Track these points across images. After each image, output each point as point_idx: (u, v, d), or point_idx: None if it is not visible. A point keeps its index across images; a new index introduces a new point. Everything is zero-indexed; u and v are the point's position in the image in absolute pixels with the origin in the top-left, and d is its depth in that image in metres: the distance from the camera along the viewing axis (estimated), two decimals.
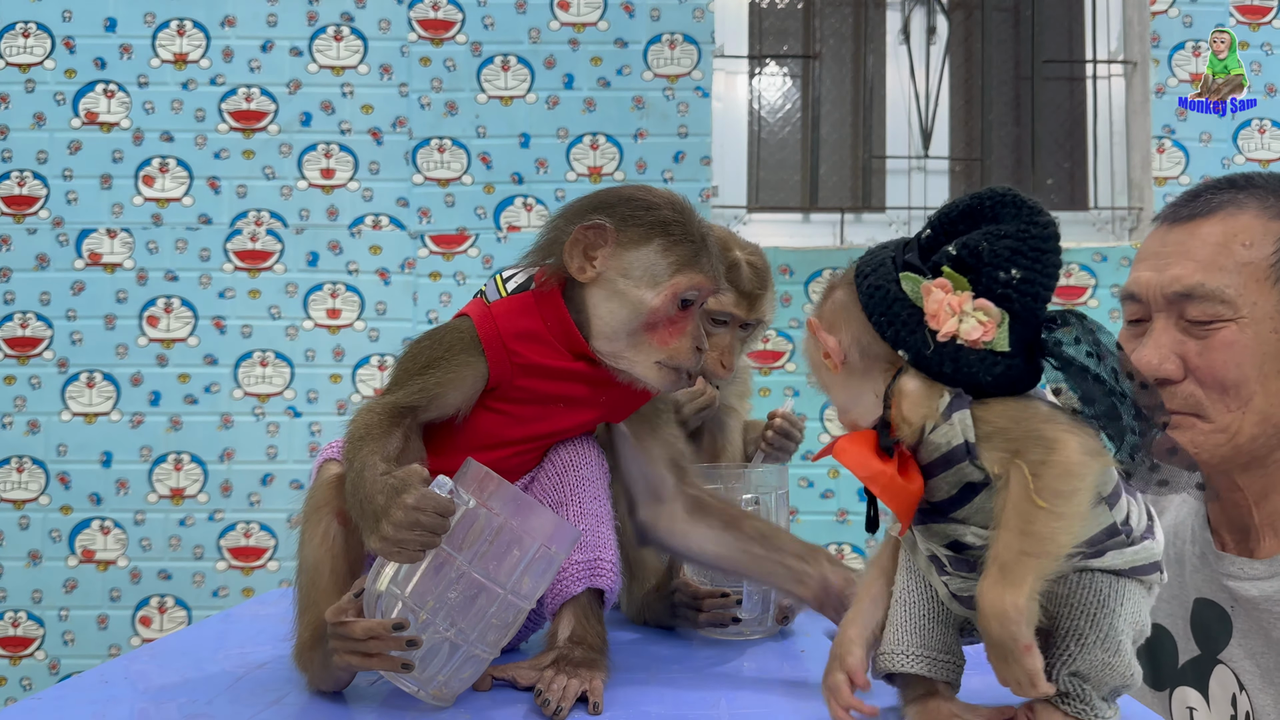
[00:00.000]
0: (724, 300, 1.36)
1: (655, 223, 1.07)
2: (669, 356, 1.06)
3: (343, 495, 1.03)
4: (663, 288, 1.05)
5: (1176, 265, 1.12)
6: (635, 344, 1.06)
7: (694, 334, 1.07)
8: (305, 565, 1.03)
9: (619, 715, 0.94)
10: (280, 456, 2.62)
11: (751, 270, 1.38)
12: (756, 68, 2.92)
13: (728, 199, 2.79)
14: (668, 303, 1.05)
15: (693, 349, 1.06)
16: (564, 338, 1.06)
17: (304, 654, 1.00)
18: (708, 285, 1.07)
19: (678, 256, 1.06)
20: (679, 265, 1.05)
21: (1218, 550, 1.18)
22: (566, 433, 1.10)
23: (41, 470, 2.61)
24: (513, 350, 1.05)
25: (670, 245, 1.06)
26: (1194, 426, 1.11)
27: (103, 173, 2.66)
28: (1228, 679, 1.15)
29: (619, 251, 1.06)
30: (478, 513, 0.91)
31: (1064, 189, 2.93)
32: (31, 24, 2.67)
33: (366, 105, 2.69)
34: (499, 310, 1.07)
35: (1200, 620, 1.19)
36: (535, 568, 0.94)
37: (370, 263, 2.65)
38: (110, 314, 2.63)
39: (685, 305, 1.07)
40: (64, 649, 2.59)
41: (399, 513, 0.88)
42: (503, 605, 0.92)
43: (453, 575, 0.91)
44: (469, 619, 0.91)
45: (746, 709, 0.97)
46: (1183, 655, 1.21)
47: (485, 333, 1.05)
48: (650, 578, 1.33)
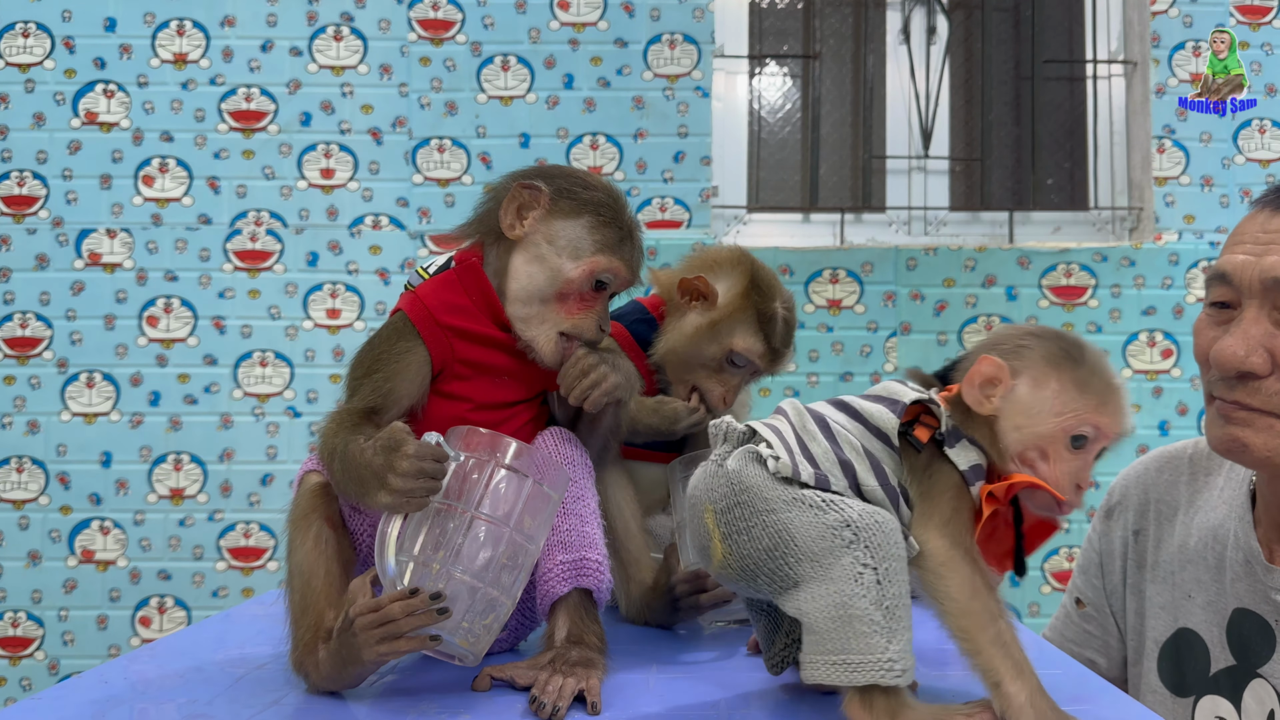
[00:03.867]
0: (753, 348, 1.38)
1: (589, 201, 1.12)
2: (573, 327, 1.10)
3: (329, 501, 1.06)
4: (583, 262, 1.09)
5: (1277, 252, 1.04)
6: (545, 311, 1.10)
7: (600, 314, 1.11)
8: (298, 571, 1.04)
9: (618, 715, 0.94)
10: (280, 457, 2.62)
11: (785, 327, 1.40)
12: (756, 68, 2.92)
13: (728, 199, 2.79)
14: (584, 277, 1.09)
15: (596, 326, 1.11)
16: (486, 307, 1.10)
17: (306, 657, 1.00)
18: (624, 274, 1.12)
19: (603, 237, 1.10)
20: (602, 246, 1.10)
21: (1266, 562, 1.13)
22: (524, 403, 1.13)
23: (41, 470, 2.61)
24: (445, 324, 1.08)
25: (598, 225, 1.11)
26: (1271, 428, 1.04)
27: (102, 173, 2.66)
28: (1266, 694, 1.11)
29: (549, 218, 1.10)
30: (467, 462, 0.96)
31: (1064, 189, 2.93)
32: (31, 24, 2.67)
33: (366, 105, 2.69)
34: (424, 291, 1.11)
35: (1239, 630, 1.15)
36: (533, 506, 0.97)
37: (370, 263, 2.65)
38: (110, 314, 2.63)
39: (599, 287, 1.11)
40: (64, 649, 2.59)
41: (404, 463, 0.93)
42: (510, 545, 0.95)
43: (456, 523, 0.94)
44: (481, 561, 0.94)
45: (746, 709, 0.97)
46: (1215, 664, 1.16)
47: (416, 315, 1.09)
48: (646, 576, 1.32)
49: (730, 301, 1.39)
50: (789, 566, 0.85)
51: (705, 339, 1.38)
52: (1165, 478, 1.30)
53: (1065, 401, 0.90)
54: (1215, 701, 1.16)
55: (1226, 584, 1.16)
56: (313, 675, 0.99)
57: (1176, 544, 1.24)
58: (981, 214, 2.82)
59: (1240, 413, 1.05)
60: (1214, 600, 1.17)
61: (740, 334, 1.38)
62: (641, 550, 1.33)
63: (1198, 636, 1.18)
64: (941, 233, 2.80)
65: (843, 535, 0.83)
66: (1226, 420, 1.07)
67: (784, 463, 0.87)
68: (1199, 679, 1.17)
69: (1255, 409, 1.04)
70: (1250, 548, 1.14)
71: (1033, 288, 2.64)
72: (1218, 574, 1.18)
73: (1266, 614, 1.12)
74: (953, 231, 2.81)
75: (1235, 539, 1.17)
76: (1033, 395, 0.90)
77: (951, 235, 2.79)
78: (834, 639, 0.82)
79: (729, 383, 1.39)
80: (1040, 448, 0.89)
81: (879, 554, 0.83)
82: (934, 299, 2.64)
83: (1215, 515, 1.22)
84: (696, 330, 1.39)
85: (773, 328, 1.38)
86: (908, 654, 0.82)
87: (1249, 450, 1.05)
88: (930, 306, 2.64)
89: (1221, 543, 1.19)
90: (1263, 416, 1.04)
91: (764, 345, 1.38)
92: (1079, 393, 0.90)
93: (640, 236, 1.15)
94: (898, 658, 0.82)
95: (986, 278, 2.64)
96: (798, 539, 0.85)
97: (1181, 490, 1.29)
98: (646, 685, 1.05)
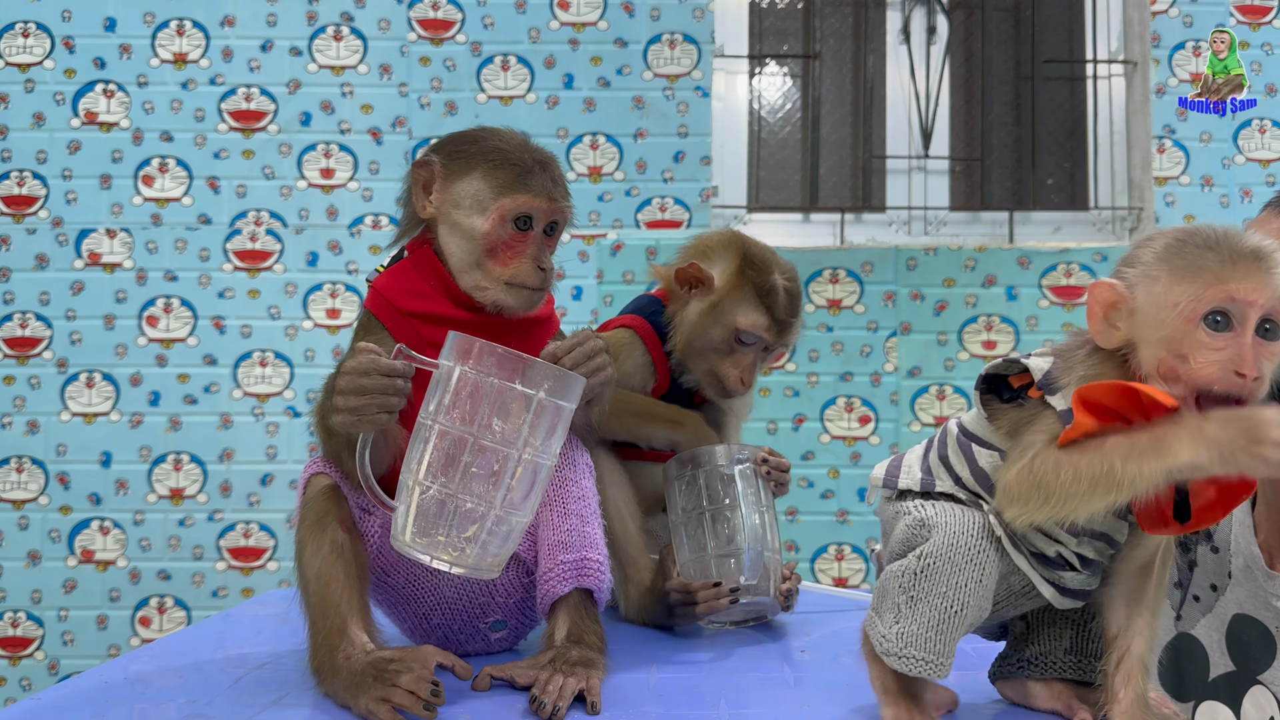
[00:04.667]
0: (757, 323, 1.38)
1: (478, 153, 1.12)
2: (511, 277, 1.10)
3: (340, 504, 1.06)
4: (490, 211, 1.09)
5: None
6: (483, 271, 1.10)
7: (534, 254, 1.11)
8: (315, 576, 1.03)
9: (618, 715, 0.94)
10: (280, 457, 2.62)
11: (787, 297, 1.40)
12: (756, 68, 2.91)
13: (728, 199, 2.79)
14: (498, 226, 1.10)
15: (534, 268, 1.10)
16: (443, 289, 1.11)
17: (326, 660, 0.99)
18: (535, 203, 1.11)
19: (500, 180, 1.10)
20: (502, 188, 1.10)
21: (1266, 568, 1.12)
22: None
23: (41, 470, 2.61)
24: (407, 310, 1.09)
25: (492, 170, 1.10)
26: None
27: (102, 173, 2.66)
28: (1266, 701, 1.11)
29: (448, 185, 1.11)
30: (466, 375, 0.92)
31: (1064, 189, 2.93)
32: (31, 24, 2.67)
33: (366, 105, 2.69)
34: (381, 284, 1.13)
35: (1239, 637, 1.14)
36: (543, 421, 0.93)
37: (370, 263, 2.65)
38: (110, 314, 2.63)
39: (524, 227, 1.11)
40: (64, 649, 2.59)
41: (343, 380, 0.94)
42: (525, 465, 0.92)
43: (459, 443, 0.91)
44: (492, 480, 0.92)
45: (746, 709, 0.97)
46: (1214, 669, 1.16)
47: (377, 308, 1.11)
48: (645, 578, 1.32)
49: (727, 282, 1.40)
50: None
51: (709, 323, 1.39)
52: None
53: (1179, 289, 0.80)
54: (1215, 707, 1.15)
55: (1227, 589, 1.15)
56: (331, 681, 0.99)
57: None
58: (981, 214, 2.82)
59: None
60: (1214, 606, 1.16)
61: (742, 311, 1.39)
62: (640, 551, 1.33)
63: (1197, 642, 1.17)
64: (941, 233, 2.80)
65: (921, 533, 0.88)
66: None
67: (889, 480, 0.96)
68: (1198, 684, 1.16)
69: None
70: (1251, 553, 1.14)
71: (1033, 288, 2.64)
72: (1218, 579, 1.17)
73: (1267, 620, 1.11)
74: (953, 231, 2.81)
75: (1236, 544, 1.16)
76: (1149, 300, 0.81)
77: (951, 235, 2.79)
78: (876, 598, 0.90)
79: (742, 363, 1.40)
80: (1176, 351, 0.80)
81: (934, 548, 0.86)
82: (934, 299, 2.64)
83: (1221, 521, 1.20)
84: (700, 316, 1.39)
85: (774, 299, 1.38)
86: (914, 644, 0.85)
87: None
88: (930, 306, 2.64)
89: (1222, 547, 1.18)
90: None
91: (767, 318, 1.38)
92: (1192, 274, 0.80)
93: (554, 165, 1.14)
94: (895, 641, 0.86)
95: (986, 278, 2.64)
96: (893, 543, 0.91)
97: None
98: (646, 685, 1.05)
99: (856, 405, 2.63)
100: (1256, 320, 0.79)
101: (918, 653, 0.85)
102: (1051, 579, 0.89)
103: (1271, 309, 0.80)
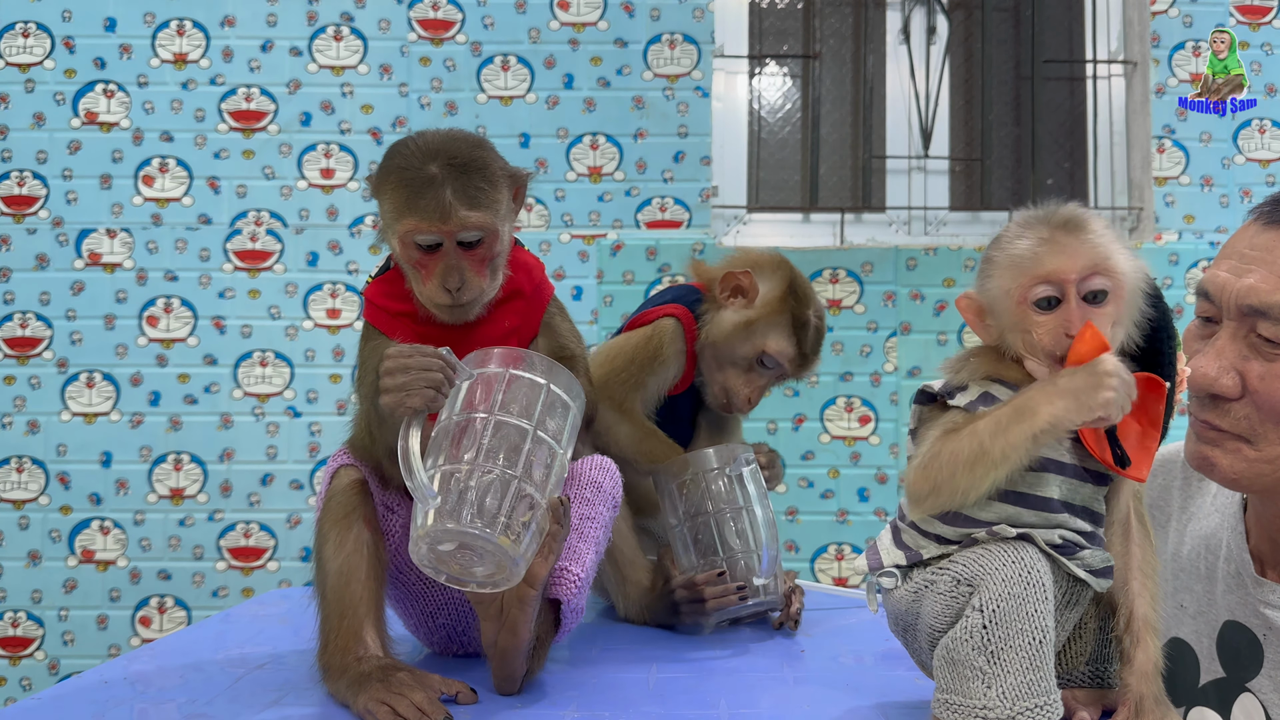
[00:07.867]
0: (784, 351, 1.41)
1: (390, 169, 1.06)
2: (429, 298, 1.06)
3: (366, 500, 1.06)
4: (396, 236, 1.05)
5: (1257, 274, 0.99)
6: (418, 287, 1.07)
7: (440, 275, 1.04)
8: (337, 572, 1.02)
9: (618, 715, 0.94)
10: (280, 456, 2.62)
11: (816, 335, 1.44)
12: (756, 68, 2.91)
13: (728, 199, 2.79)
14: (405, 249, 1.05)
15: (439, 290, 1.04)
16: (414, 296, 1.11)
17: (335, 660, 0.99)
18: (425, 226, 1.02)
19: (397, 202, 1.04)
20: (398, 212, 1.04)
21: (1256, 575, 1.10)
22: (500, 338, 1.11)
23: (41, 470, 2.61)
24: (396, 312, 1.10)
25: (393, 190, 1.04)
26: (1238, 451, 1.01)
27: (102, 173, 2.66)
28: (1254, 709, 1.09)
29: (379, 200, 1.08)
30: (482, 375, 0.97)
31: (1064, 189, 2.93)
32: (31, 24, 2.67)
33: (366, 105, 2.69)
34: (371, 293, 1.13)
35: (1228, 643, 1.13)
36: (554, 411, 0.97)
37: (370, 263, 2.65)
38: (110, 314, 2.63)
39: (429, 248, 1.04)
40: (64, 649, 2.59)
41: (387, 362, 0.94)
42: (537, 444, 0.95)
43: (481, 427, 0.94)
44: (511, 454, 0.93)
45: (746, 709, 0.97)
46: (1205, 675, 1.15)
47: (371, 315, 1.12)
48: (643, 578, 1.33)
49: (768, 304, 1.41)
50: None
51: (740, 337, 1.41)
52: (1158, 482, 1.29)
53: (1005, 282, 0.90)
54: (1204, 714, 1.14)
55: (1218, 595, 1.14)
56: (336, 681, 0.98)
57: (1169, 552, 1.23)
58: (981, 214, 2.82)
59: (1210, 432, 1.03)
60: (1205, 611, 1.15)
61: (774, 336, 1.41)
62: (635, 551, 1.34)
63: (1188, 647, 1.16)
64: (941, 233, 2.80)
65: (963, 589, 0.85)
66: (1198, 437, 1.06)
67: (889, 582, 0.91)
68: (1188, 690, 1.15)
69: (1224, 430, 1.02)
70: (1241, 559, 1.12)
71: None
72: (1209, 584, 1.16)
73: (1255, 627, 1.09)
74: (953, 231, 2.81)
75: (1228, 549, 1.15)
76: (993, 298, 0.92)
77: (951, 235, 2.79)
78: (945, 678, 0.84)
79: (755, 383, 1.43)
80: (1019, 331, 0.90)
81: (988, 596, 0.82)
82: (934, 299, 2.64)
83: (1208, 523, 1.20)
84: (734, 328, 1.41)
85: (805, 334, 1.41)
86: (1021, 697, 0.81)
87: (1217, 469, 1.04)
88: (930, 306, 2.64)
89: (1214, 552, 1.17)
90: (1231, 439, 1.02)
91: (795, 349, 1.41)
92: (1013, 265, 0.90)
93: (460, 175, 1.02)
94: (1000, 704, 0.81)
95: None
96: (931, 619, 0.87)
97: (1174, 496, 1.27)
98: (646, 685, 1.05)
99: (856, 405, 2.63)
100: (1075, 292, 0.89)
101: (1027, 702, 0.81)
102: (1081, 564, 0.90)
103: (1087, 279, 0.90)
